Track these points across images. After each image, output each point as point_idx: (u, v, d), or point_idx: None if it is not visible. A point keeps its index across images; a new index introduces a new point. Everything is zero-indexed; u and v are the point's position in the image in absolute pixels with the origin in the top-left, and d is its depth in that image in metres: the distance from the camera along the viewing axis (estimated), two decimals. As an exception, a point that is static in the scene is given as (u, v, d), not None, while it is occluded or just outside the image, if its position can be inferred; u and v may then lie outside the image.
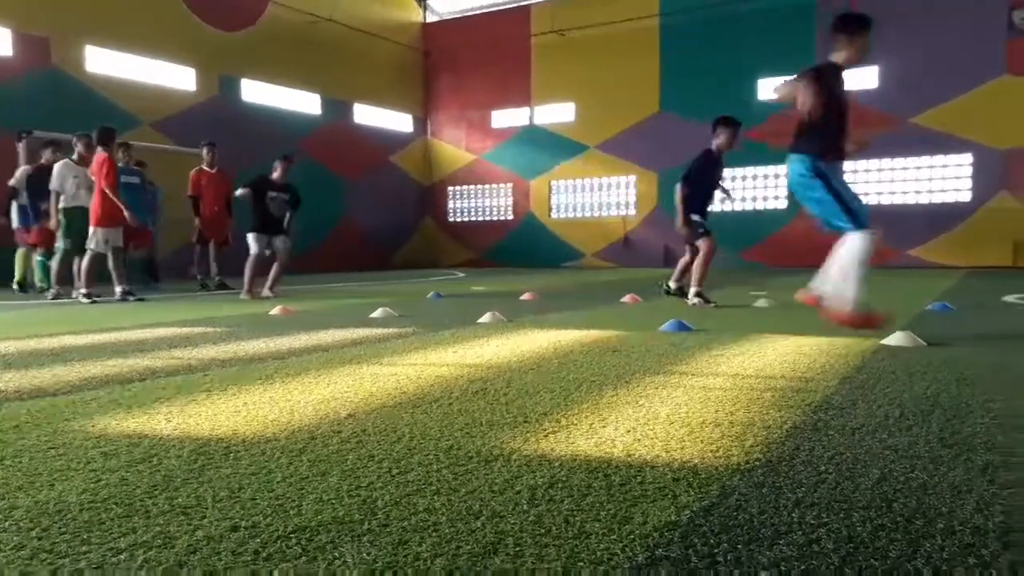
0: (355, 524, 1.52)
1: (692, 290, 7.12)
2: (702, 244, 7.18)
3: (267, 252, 9.11)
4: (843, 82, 4.61)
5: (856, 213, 4.49)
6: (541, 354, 3.86)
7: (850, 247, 4.52)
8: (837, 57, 4.55)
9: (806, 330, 4.73)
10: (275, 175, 9.05)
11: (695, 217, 7.20)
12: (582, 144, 19.57)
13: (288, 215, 9.17)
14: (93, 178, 8.33)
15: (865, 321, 4.50)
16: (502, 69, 20.44)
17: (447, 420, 2.42)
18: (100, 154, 8.27)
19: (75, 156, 8.78)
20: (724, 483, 1.76)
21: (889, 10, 15.68)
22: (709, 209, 7.39)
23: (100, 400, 2.79)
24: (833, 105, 4.43)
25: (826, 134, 4.45)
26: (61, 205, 8.62)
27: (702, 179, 7.20)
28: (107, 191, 8.19)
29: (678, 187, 7.19)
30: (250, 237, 9.05)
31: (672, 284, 7.74)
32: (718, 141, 7.18)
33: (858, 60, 4.59)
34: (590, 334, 4.65)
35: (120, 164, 10.17)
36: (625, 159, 18.97)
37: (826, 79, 4.44)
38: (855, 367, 3.33)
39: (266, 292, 9.02)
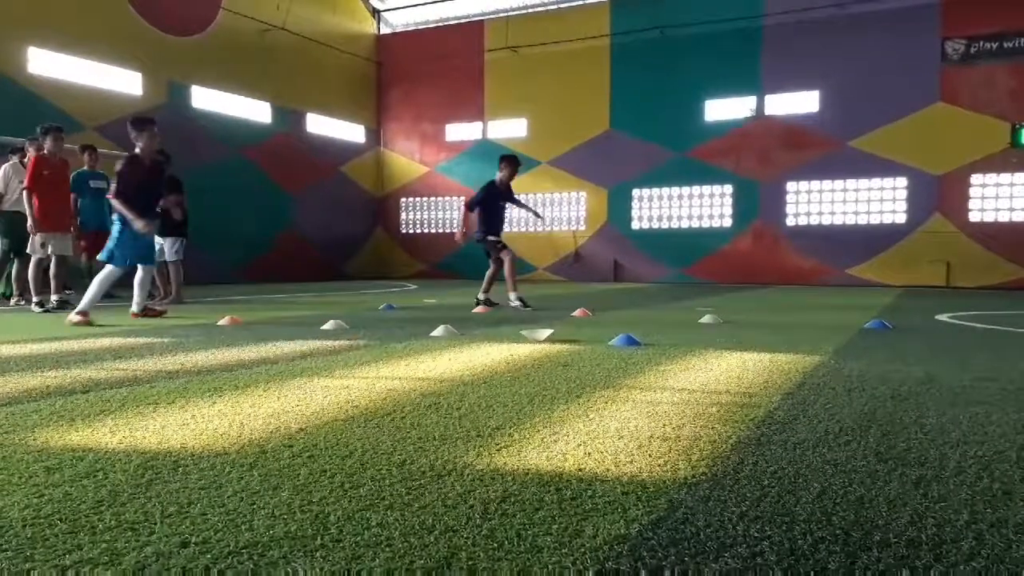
0: (307, 539, 1.52)
1: (512, 295, 8.50)
2: (504, 256, 8.64)
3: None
4: (146, 168, 6.76)
5: (112, 256, 6.67)
6: (494, 368, 3.88)
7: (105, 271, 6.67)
8: (139, 147, 6.74)
9: (750, 346, 4.85)
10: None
11: (491, 237, 8.63)
12: (534, 159, 19.72)
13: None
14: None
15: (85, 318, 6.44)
16: (456, 83, 20.51)
17: (400, 434, 2.42)
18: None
19: (26, 159, 8.57)
20: (672, 497, 1.80)
21: (829, 37, 16.27)
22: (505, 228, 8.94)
23: (41, 412, 2.72)
24: (142, 185, 6.66)
25: (135, 204, 6.58)
26: (4, 208, 8.48)
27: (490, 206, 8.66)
28: (24, 193, 8.01)
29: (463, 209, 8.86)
30: (177, 243, 9.29)
31: (482, 296, 8.70)
32: (501, 175, 8.64)
33: (152, 152, 6.83)
34: (542, 348, 4.69)
35: (85, 168, 9.92)
36: (576, 175, 19.19)
37: (133, 167, 6.66)
38: (796, 383, 3.43)
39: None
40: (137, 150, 6.81)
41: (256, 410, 2.78)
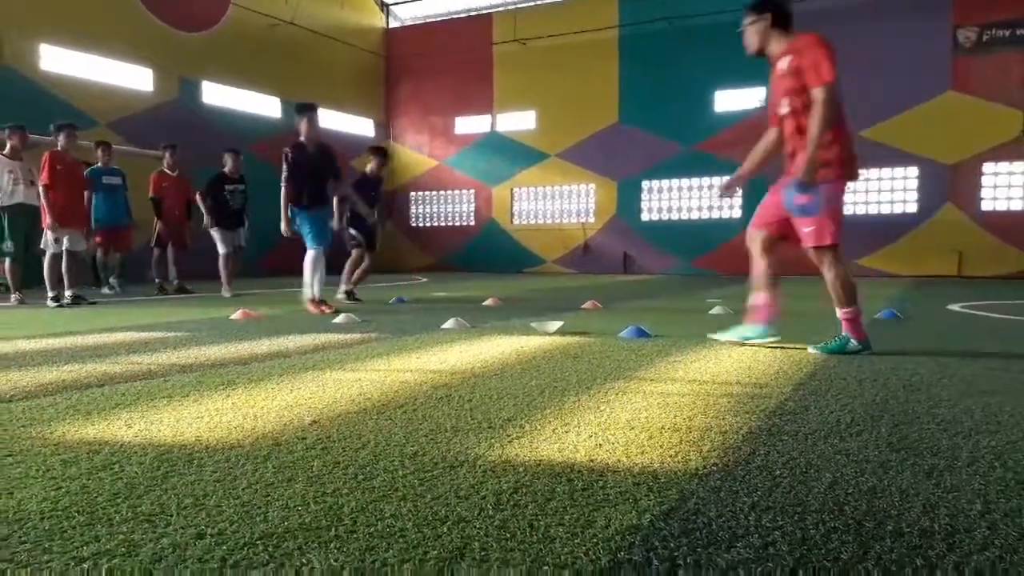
0: (322, 530, 1.54)
1: (343, 287, 8.51)
2: (355, 252, 8.63)
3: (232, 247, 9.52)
4: (310, 153, 7.03)
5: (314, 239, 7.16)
6: (504, 360, 3.89)
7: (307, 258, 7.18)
8: (304, 137, 7.05)
9: (762, 338, 4.83)
10: (227, 168, 9.51)
11: (351, 230, 8.53)
12: (543, 152, 19.68)
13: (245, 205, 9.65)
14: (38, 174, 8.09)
15: (317, 306, 6.99)
16: (464, 76, 20.47)
17: (412, 426, 2.44)
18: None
19: (7, 150, 8.19)
20: (683, 487, 1.81)
21: (839, 25, 16.13)
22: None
23: (58, 406, 2.74)
24: (304, 169, 6.97)
25: (302, 188, 6.96)
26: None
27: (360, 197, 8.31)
28: (41, 189, 7.96)
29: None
30: (216, 234, 9.29)
31: (343, 287, 8.60)
32: (371, 167, 8.45)
33: (315, 137, 7.13)
34: (552, 340, 4.69)
35: (99, 165, 9.92)
36: (585, 168, 19.13)
37: (298, 154, 6.97)
38: (808, 373, 3.43)
39: (227, 292, 9.27)
40: (301, 137, 7.09)
41: (269, 403, 2.80)
